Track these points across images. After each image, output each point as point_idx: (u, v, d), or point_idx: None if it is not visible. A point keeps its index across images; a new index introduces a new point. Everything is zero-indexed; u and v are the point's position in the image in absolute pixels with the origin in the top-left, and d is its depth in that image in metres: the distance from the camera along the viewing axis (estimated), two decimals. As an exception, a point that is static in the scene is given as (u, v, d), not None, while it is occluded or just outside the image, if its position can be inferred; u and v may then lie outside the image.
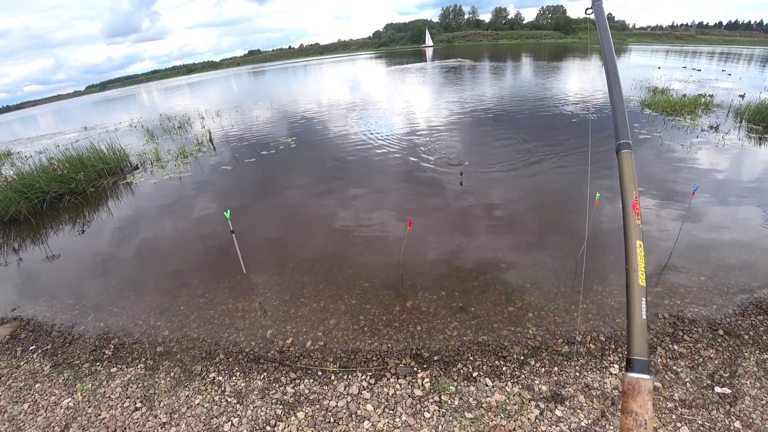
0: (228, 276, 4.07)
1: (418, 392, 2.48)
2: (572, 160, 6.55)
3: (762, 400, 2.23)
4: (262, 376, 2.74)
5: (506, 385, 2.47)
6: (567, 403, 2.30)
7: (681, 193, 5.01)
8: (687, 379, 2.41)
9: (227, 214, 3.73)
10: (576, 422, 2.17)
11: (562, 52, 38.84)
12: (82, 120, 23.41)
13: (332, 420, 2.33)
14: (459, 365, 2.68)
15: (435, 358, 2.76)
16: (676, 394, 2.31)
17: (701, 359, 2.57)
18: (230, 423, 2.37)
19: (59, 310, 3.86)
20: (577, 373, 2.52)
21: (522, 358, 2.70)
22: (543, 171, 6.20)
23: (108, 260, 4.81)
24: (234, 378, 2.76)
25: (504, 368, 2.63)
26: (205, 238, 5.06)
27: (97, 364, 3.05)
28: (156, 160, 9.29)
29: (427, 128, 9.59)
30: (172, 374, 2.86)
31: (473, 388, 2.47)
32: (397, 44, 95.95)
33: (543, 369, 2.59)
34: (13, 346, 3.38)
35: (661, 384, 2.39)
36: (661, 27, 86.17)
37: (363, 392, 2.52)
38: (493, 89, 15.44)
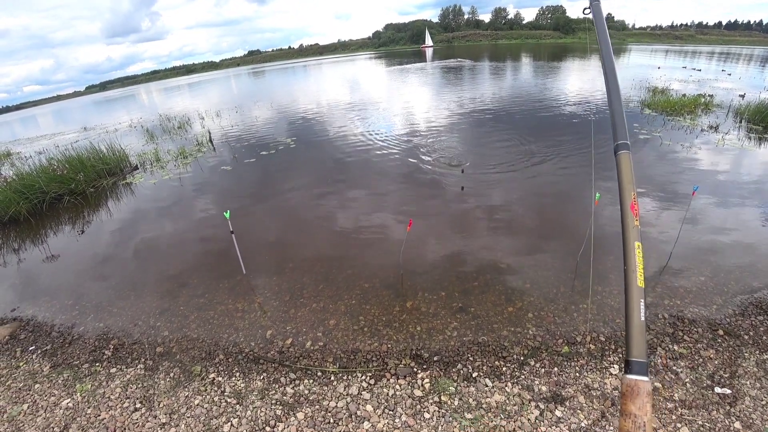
0: (228, 276, 4.07)
1: (418, 393, 2.48)
2: (573, 162, 6.55)
3: (762, 401, 2.23)
4: (262, 377, 2.74)
5: (506, 386, 2.47)
6: (567, 404, 2.30)
7: (681, 194, 5.01)
8: (687, 380, 2.41)
9: (227, 215, 3.73)
10: (576, 423, 2.17)
11: (562, 53, 38.84)
12: (82, 120, 23.41)
13: (332, 421, 2.33)
14: (459, 366, 2.68)
15: (435, 359, 2.76)
16: (676, 395, 2.31)
17: (701, 359, 2.56)
18: (230, 424, 2.37)
19: (59, 311, 3.86)
20: (577, 374, 2.52)
21: (522, 359, 2.69)
22: (543, 172, 6.20)
23: (107, 261, 4.81)
24: (234, 378, 2.76)
25: (504, 369, 2.62)
26: (205, 239, 5.06)
27: (97, 365, 3.04)
28: (156, 161, 9.29)
29: (427, 129, 9.59)
30: (172, 375, 2.86)
31: (473, 389, 2.47)
32: (397, 44, 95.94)
33: (543, 369, 2.58)
34: (13, 347, 3.38)
35: (661, 384, 2.39)
36: (661, 27, 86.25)
37: (363, 393, 2.52)
38: (493, 89, 15.44)
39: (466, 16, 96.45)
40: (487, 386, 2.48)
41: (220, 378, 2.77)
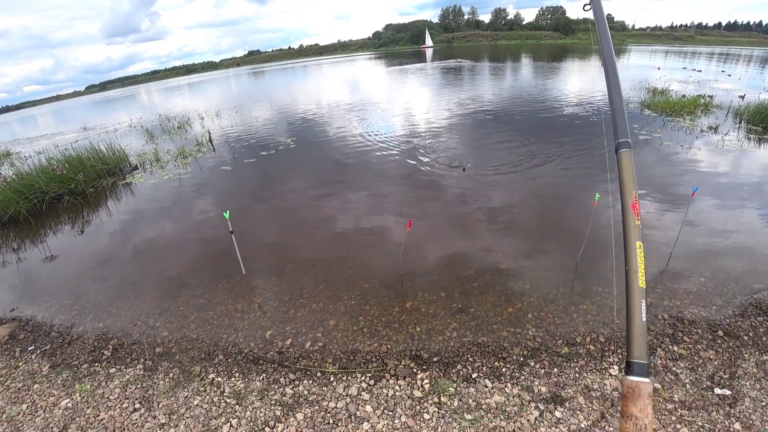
0: (227, 277, 4.06)
1: (418, 393, 2.47)
2: (573, 163, 6.54)
3: (762, 402, 2.23)
4: (261, 377, 2.74)
5: (506, 387, 2.47)
6: (566, 405, 2.29)
7: (680, 194, 5.01)
8: (687, 381, 2.41)
9: (227, 215, 3.72)
10: (576, 424, 2.17)
11: (562, 53, 38.87)
12: (82, 120, 23.39)
13: (331, 421, 2.33)
14: (458, 366, 2.68)
15: (434, 360, 2.76)
16: (676, 396, 2.31)
17: (701, 360, 2.56)
18: (229, 424, 2.37)
19: (58, 311, 3.85)
20: (577, 375, 2.52)
21: (522, 360, 2.69)
22: (544, 173, 6.20)
23: (107, 261, 4.81)
24: (233, 379, 2.75)
25: (503, 369, 2.62)
26: (205, 239, 5.05)
27: (96, 365, 3.04)
28: (155, 161, 9.29)
29: (427, 130, 9.58)
30: (171, 375, 2.85)
31: (473, 390, 2.47)
32: (397, 45, 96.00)
33: (543, 370, 2.58)
34: (12, 347, 3.38)
35: (661, 385, 2.39)
36: (661, 27, 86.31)
37: (362, 393, 2.51)
38: (493, 90, 15.44)
39: (466, 17, 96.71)
40: (487, 387, 2.48)
41: (220, 378, 2.77)
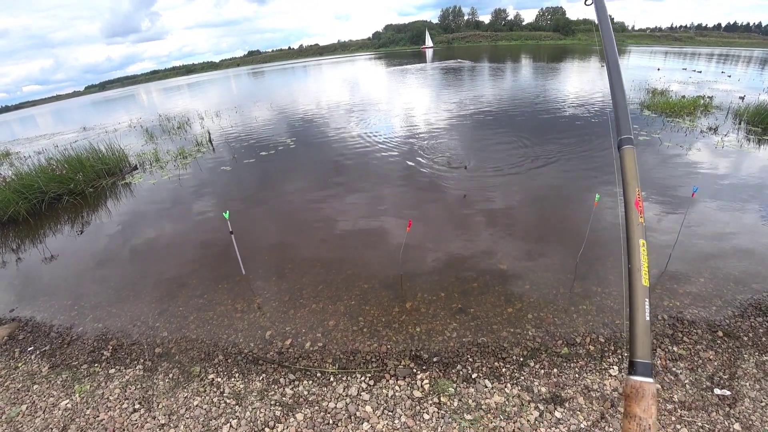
0: (227, 277, 4.06)
1: (418, 394, 2.47)
2: (574, 165, 6.54)
3: (761, 402, 2.23)
4: (261, 378, 2.73)
5: (506, 387, 2.47)
6: (566, 405, 2.29)
7: (680, 195, 5.01)
8: (686, 381, 2.41)
9: (226, 215, 3.72)
10: (575, 424, 2.17)
11: (562, 54, 38.90)
12: (81, 120, 23.37)
13: (331, 422, 2.32)
14: (458, 367, 2.67)
15: (434, 360, 2.75)
16: (676, 396, 2.31)
17: (701, 361, 2.56)
18: (229, 425, 2.36)
19: (57, 311, 3.85)
20: (577, 375, 2.52)
21: (521, 360, 2.69)
22: (544, 174, 6.20)
23: (106, 261, 4.80)
24: (233, 379, 2.75)
25: (503, 370, 2.62)
26: (204, 239, 5.05)
27: (96, 366, 3.03)
28: (155, 161, 9.28)
29: (427, 130, 9.58)
30: (171, 375, 2.85)
31: (472, 390, 2.47)
32: (397, 45, 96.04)
33: (542, 371, 2.58)
34: (11, 347, 3.37)
35: (661, 385, 2.39)
36: (661, 28, 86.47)
37: (362, 394, 2.51)
38: (494, 91, 15.44)
39: (466, 17, 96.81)
40: (487, 387, 2.48)
41: (219, 379, 2.76)
